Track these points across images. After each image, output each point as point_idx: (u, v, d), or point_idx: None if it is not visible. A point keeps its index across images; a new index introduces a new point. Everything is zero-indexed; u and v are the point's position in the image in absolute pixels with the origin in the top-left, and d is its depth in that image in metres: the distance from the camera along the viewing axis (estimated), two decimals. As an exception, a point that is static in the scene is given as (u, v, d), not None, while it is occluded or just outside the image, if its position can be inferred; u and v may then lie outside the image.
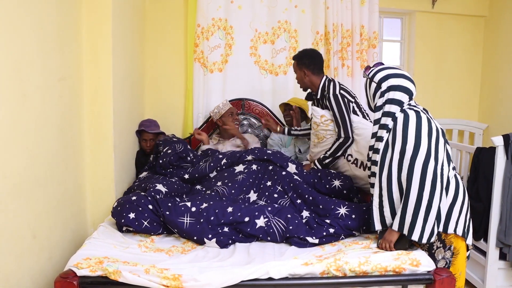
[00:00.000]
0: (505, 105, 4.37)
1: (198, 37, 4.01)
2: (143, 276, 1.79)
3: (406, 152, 2.01)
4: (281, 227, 2.33)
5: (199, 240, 2.29)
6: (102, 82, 2.82)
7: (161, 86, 4.15)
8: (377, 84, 2.22)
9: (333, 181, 2.85)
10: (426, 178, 1.96)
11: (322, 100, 3.23)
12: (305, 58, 3.24)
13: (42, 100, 2.16)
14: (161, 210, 2.37)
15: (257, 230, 2.32)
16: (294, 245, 2.28)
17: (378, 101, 2.19)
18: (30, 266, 2.03)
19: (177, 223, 2.33)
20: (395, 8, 4.54)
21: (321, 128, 3.18)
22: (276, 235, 2.32)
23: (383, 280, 1.93)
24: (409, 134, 2.01)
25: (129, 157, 3.43)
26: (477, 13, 4.65)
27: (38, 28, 2.12)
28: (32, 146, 2.05)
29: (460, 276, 2.20)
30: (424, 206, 1.96)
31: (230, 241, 2.30)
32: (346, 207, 2.50)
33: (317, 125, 3.20)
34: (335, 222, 2.38)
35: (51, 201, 2.28)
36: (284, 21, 4.15)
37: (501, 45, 4.48)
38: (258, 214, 2.37)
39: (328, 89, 3.15)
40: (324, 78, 3.22)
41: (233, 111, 3.77)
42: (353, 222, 2.40)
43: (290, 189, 2.74)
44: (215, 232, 2.29)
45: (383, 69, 2.24)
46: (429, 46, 4.64)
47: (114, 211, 2.39)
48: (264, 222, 2.34)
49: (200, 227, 2.30)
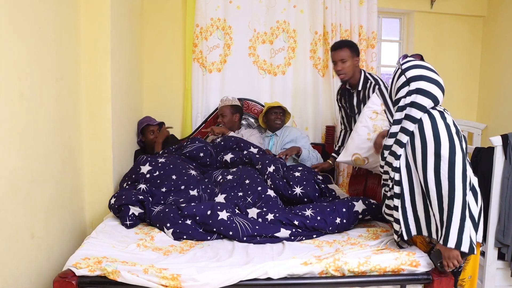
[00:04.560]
0: (504, 105, 4.37)
1: (197, 37, 4.01)
2: (142, 276, 1.78)
3: (441, 154, 1.86)
4: (245, 224, 2.34)
5: (160, 228, 2.42)
6: (100, 82, 2.82)
7: (159, 86, 4.15)
8: (407, 80, 2.03)
9: (295, 188, 2.84)
10: (466, 182, 1.85)
11: (364, 92, 3.16)
12: (355, 45, 3.20)
13: (39, 100, 2.16)
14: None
15: (219, 221, 2.34)
16: (266, 243, 2.29)
17: (402, 100, 2.02)
18: (28, 266, 2.03)
19: (150, 210, 2.54)
20: (394, 8, 4.55)
21: (380, 118, 2.89)
22: (239, 231, 2.31)
23: (381, 280, 1.93)
24: (441, 136, 1.88)
25: (127, 156, 3.43)
26: (475, 13, 4.66)
27: (36, 28, 2.12)
28: (30, 146, 2.05)
29: (471, 280, 2.17)
30: (467, 213, 1.84)
31: (185, 236, 2.34)
32: (312, 209, 2.51)
33: (377, 114, 2.90)
34: (300, 219, 2.41)
35: (49, 200, 2.28)
36: (282, 21, 4.15)
37: (500, 45, 4.48)
38: (221, 208, 2.41)
39: (376, 81, 3.11)
40: (364, 71, 3.20)
41: (219, 112, 3.84)
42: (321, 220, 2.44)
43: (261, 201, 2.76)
44: (174, 223, 2.38)
45: (419, 67, 2.05)
46: (427, 46, 4.64)
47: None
48: (227, 216, 2.36)
49: (164, 216, 2.43)
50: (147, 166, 2.87)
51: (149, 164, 2.89)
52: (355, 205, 2.55)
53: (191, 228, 2.36)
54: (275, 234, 2.32)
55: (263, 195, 2.75)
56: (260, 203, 2.70)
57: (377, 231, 2.46)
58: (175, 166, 2.93)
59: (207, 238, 2.35)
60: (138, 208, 2.52)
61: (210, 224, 2.34)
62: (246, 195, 2.75)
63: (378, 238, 2.32)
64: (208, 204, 2.46)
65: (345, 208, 2.52)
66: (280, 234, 2.33)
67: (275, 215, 2.44)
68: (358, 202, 2.58)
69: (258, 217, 2.45)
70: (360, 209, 2.55)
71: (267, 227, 2.34)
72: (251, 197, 2.74)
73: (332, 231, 2.44)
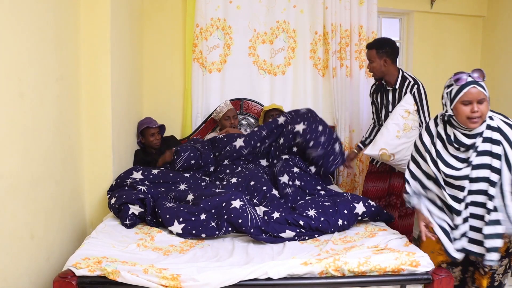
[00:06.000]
0: (503, 104, 4.37)
1: (197, 37, 4.01)
2: (142, 276, 1.79)
3: None
4: (256, 215, 2.38)
5: (169, 222, 2.42)
6: (100, 82, 2.82)
7: (159, 86, 4.14)
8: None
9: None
10: None
11: (400, 91, 3.20)
12: (387, 46, 3.22)
13: (39, 100, 2.15)
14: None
15: (231, 209, 2.37)
16: (268, 242, 2.31)
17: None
18: (28, 266, 2.03)
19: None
20: (394, 8, 4.54)
21: (412, 118, 3.05)
22: (248, 220, 2.33)
23: (382, 280, 1.94)
24: None
25: (127, 157, 3.43)
26: (475, 13, 4.65)
27: (36, 28, 2.12)
28: (29, 146, 2.05)
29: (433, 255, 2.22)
30: None
31: (194, 231, 2.36)
32: (314, 210, 2.54)
33: (408, 113, 3.05)
34: (305, 219, 2.44)
35: (49, 201, 2.28)
36: (282, 21, 4.15)
37: (499, 45, 4.48)
38: (235, 197, 2.45)
39: (415, 81, 3.15)
40: (402, 71, 3.23)
41: (230, 114, 3.82)
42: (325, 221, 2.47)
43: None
44: (187, 218, 2.40)
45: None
46: (427, 46, 4.64)
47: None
48: (240, 205, 2.39)
49: (177, 209, 2.46)
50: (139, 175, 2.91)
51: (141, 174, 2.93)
52: (356, 207, 2.59)
53: (202, 225, 2.38)
54: (280, 234, 2.33)
55: (268, 194, 2.80)
56: (265, 202, 2.73)
57: (374, 229, 2.48)
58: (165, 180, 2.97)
59: (215, 233, 2.36)
60: (138, 207, 2.52)
61: (223, 214, 2.38)
62: (252, 197, 2.78)
63: (375, 236, 2.34)
64: (224, 196, 2.48)
65: (347, 210, 2.55)
66: (285, 234, 2.35)
67: (280, 214, 2.46)
68: (359, 204, 2.60)
69: (265, 215, 2.47)
70: (360, 211, 2.58)
71: (274, 225, 2.37)
72: (257, 198, 2.78)
73: (333, 232, 2.46)
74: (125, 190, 2.71)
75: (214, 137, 3.60)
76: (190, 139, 3.71)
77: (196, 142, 3.50)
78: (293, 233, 2.36)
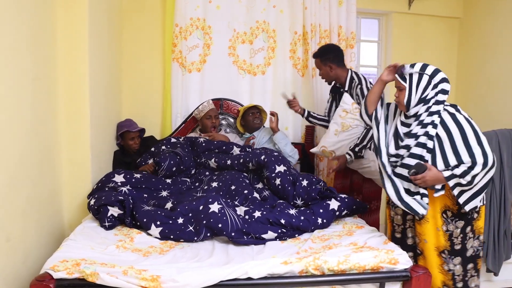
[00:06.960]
0: (479, 105, 4.45)
1: (176, 37, 3.99)
2: (121, 278, 1.77)
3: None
4: (235, 217, 2.37)
5: (146, 226, 2.41)
6: (78, 82, 2.79)
7: (139, 86, 4.11)
8: (430, 75, 2.34)
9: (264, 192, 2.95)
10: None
11: (350, 91, 3.32)
12: (329, 53, 3.35)
13: (15, 100, 2.12)
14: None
15: (209, 214, 2.35)
16: (252, 244, 2.31)
17: (430, 93, 2.31)
18: (4, 269, 1.99)
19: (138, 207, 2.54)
20: (372, 9, 4.59)
21: (350, 117, 3.20)
22: (228, 224, 2.31)
23: (361, 278, 1.95)
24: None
25: (106, 157, 3.39)
26: (452, 14, 4.73)
27: (11, 28, 2.08)
28: (5, 147, 2.01)
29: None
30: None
31: (172, 236, 2.35)
32: (294, 209, 2.60)
33: (346, 112, 3.22)
34: (287, 218, 2.46)
35: (25, 203, 2.24)
36: (262, 21, 4.16)
37: (475, 46, 4.57)
38: (213, 201, 2.43)
39: (359, 80, 3.26)
40: (350, 71, 3.34)
41: (211, 114, 3.80)
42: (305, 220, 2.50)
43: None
44: (164, 222, 2.39)
45: (427, 64, 2.38)
46: (405, 47, 4.70)
47: None
48: (218, 209, 2.38)
49: (154, 213, 2.45)
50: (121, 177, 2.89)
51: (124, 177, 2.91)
52: (330, 204, 2.64)
53: (179, 229, 2.36)
54: (262, 235, 2.33)
55: (249, 196, 2.80)
56: (247, 203, 2.73)
57: (352, 227, 2.51)
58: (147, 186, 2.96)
59: (194, 238, 2.34)
60: (117, 209, 2.50)
61: (202, 218, 2.35)
62: (233, 200, 2.77)
63: (353, 235, 2.37)
64: (201, 200, 2.47)
65: (322, 209, 2.59)
66: (267, 236, 2.35)
67: (262, 213, 2.46)
68: (331, 201, 2.66)
69: (246, 214, 2.47)
70: (336, 206, 2.63)
71: (255, 226, 2.36)
72: (238, 200, 2.77)
73: (313, 230, 2.47)
74: (105, 191, 2.68)
75: (194, 138, 3.58)
76: (164, 140, 3.63)
77: (175, 146, 3.46)
78: (275, 234, 2.37)
